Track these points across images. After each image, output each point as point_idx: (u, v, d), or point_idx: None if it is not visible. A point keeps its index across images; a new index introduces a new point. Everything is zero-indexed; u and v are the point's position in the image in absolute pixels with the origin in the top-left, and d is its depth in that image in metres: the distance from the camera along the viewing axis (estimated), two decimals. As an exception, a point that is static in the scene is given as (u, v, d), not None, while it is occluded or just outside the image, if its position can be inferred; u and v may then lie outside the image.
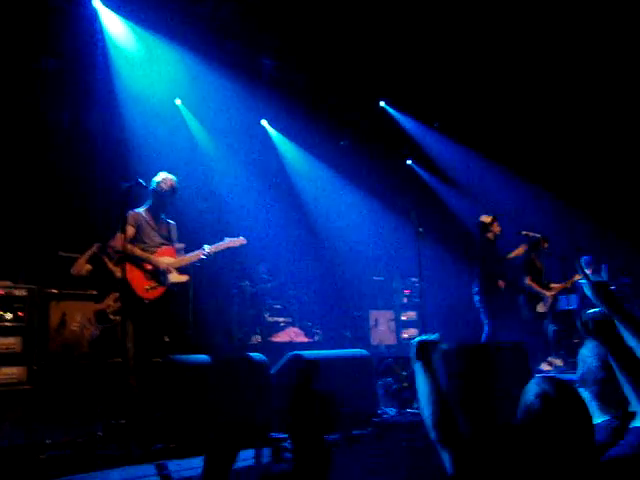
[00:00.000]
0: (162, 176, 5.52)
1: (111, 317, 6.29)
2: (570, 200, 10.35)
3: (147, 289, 5.26)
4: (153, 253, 5.40)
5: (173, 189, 5.50)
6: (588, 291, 2.37)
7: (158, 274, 5.33)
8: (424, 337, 2.33)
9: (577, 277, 8.90)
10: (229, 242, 5.61)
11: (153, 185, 5.47)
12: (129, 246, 5.13)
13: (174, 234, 5.65)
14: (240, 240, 5.66)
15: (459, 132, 11.20)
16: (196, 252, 5.50)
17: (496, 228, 8.22)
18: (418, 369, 2.22)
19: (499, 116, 10.66)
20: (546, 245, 8.92)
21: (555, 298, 8.82)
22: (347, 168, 10.98)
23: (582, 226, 10.30)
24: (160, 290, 5.31)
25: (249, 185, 9.95)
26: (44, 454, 3.69)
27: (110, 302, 6.33)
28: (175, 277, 5.37)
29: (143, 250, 5.37)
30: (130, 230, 5.26)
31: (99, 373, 6.01)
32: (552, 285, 8.84)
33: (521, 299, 8.87)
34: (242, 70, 9.32)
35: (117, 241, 5.32)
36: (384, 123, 11.21)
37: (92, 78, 8.15)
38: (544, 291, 8.70)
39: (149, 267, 5.32)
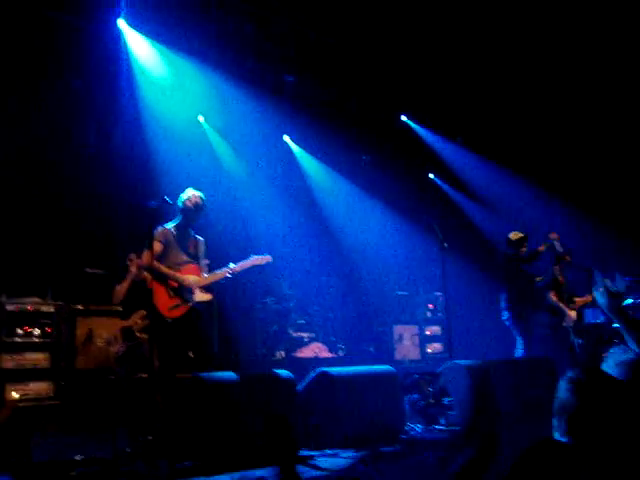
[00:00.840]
0: (189, 192, 5.58)
1: (137, 335, 6.33)
2: (597, 214, 10.23)
3: (170, 308, 5.28)
4: (178, 271, 5.43)
5: (199, 205, 5.54)
6: (601, 299, 2.43)
7: (182, 292, 5.35)
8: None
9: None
10: (255, 260, 5.61)
11: (180, 202, 5.53)
12: (155, 263, 5.16)
13: (201, 250, 5.68)
14: (266, 258, 5.67)
15: (482, 146, 11.15)
16: (222, 270, 5.52)
17: (523, 249, 8.09)
18: None
19: (523, 130, 10.60)
20: (568, 259, 8.72)
21: (580, 312, 8.71)
22: (369, 183, 10.99)
23: (608, 240, 10.17)
24: (183, 308, 5.33)
25: (272, 201, 9.99)
26: (74, 471, 3.72)
27: (137, 319, 6.37)
28: (199, 296, 5.39)
29: (169, 267, 5.40)
30: (158, 246, 5.30)
31: (126, 389, 6.05)
32: (575, 299, 8.70)
33: (545, 315, 8.78)
34: (264, 86, 9.40)
35: (144, 258, 5.36)
36: (406, 137, 11.22)
37: (117, 97, 8.27)
38: (566, 307, 8.54)
39: (174, 285, 5.35)
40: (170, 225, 5.56)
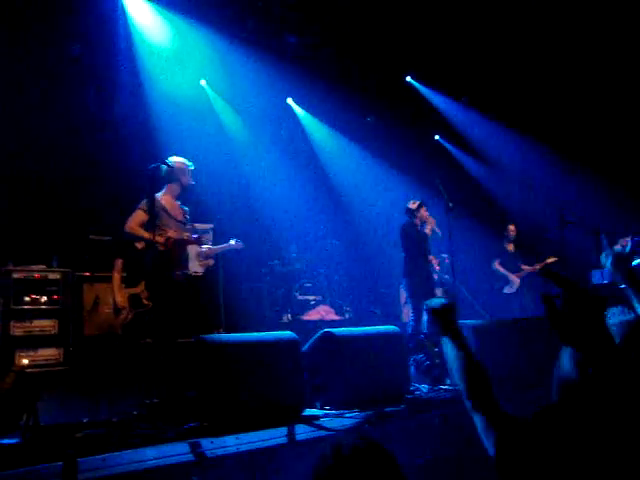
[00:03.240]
0: (173, 160, 5.45)
1: (145, 302, 6.34)
2: (604, 174, 10.09)
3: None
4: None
5: (185, 171, 5.46)
6: (608, 261, 2.50)
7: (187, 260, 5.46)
8: (435, 303, 2.14)
9: (549, 260, 9.20)
10: (232, 245, 6.07)
11: (165, 171, 5.41)
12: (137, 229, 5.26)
13: (187, 218, 5.70)
14: (240, 245, 6.15)
15: (487, 106, 10.99)
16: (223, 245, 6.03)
17: (424, 214, 7.64)
18: (445, 341, 2.07)
19: (528, 89, 10.41)
20: (512, 228, 9.59)
21: (522, 279, 9.35)
22: (374, 144, 10.87)
23: (615, 200, 10.05)
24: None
25: (276, 164, 9.92)
26: (80, 432, 3.76)
27: (144, 287, 6.37)
28: (195, 266, 5.64)
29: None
30: (142, 215, 5.25)
31: (132, 354, 6.10)
32: (523, 267, 9.42)
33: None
34: (266, 48, 9.25)
35: (130, 222, 5.35)
36: (411, 98, 11.06)
37: (116, 61, 8.17)
38: (511, 275, 9.34)
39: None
40: (160, 194, 5.46)
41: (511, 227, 9.60)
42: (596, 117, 10.21)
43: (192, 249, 5.54)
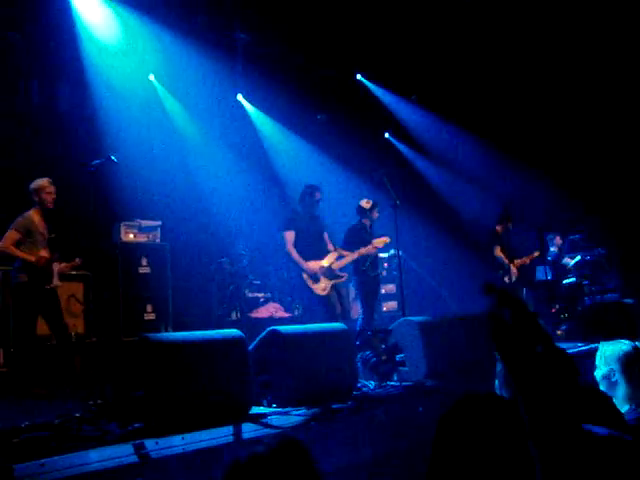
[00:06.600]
0: (38, 183, 6.08)
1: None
2: (550, 173, 10.36)
3: None
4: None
5: (41, 191, 6.05)
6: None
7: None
8: None
9: (536, 253, 9.03)
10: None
11: (30, 191, 6.04)
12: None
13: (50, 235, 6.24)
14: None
15: (437, 104, 11.14)
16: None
17: (376, 215, 7.79)
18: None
19: (477, 88, 10.60)
20: (510, 225, 9.19)
21: (519, 271, 9.03)
22: (324, 142, 10.89)
23: (559, 198, 10.34)
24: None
25: (226, 161, 9.84)
26: (18, 437, 3.64)
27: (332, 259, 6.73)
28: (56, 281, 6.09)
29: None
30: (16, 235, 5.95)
31: (77, 354, 5.97)
32: (515, 260, 9.12)
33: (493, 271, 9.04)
34: (217, 44, 9.17)
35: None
36: (361, 96, 11.13)
37: (62, 53, 7.97)
38: (510, 263, 8.95)
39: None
40: (30, 212, 6.04)
41: (509, 224, 9.14)
42: (543, 116, 10.47)
43: (55, 266, 6.06)
